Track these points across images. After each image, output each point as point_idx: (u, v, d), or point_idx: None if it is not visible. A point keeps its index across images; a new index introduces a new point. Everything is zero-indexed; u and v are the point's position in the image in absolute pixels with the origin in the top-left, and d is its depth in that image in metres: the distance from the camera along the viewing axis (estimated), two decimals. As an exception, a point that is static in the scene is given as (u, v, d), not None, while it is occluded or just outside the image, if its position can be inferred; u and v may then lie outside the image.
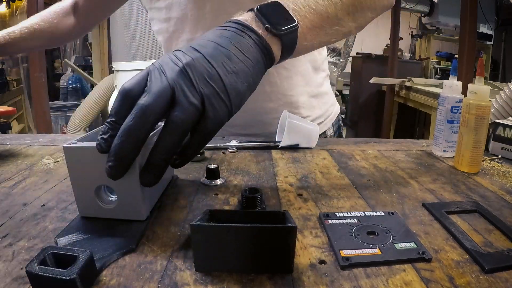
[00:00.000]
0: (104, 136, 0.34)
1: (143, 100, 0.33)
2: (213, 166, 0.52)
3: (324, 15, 0.46)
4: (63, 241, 0.35)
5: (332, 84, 2.68)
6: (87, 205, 0.39)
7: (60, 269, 0.28)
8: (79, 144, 0.38)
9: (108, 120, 0.35)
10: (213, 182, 0.51)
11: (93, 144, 0.36)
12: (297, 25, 0.42)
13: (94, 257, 0.30)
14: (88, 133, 0.43)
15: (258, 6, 0.41)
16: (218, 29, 0.40)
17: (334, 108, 0.90)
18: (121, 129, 0.33)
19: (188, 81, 0.34)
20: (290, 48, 0.43)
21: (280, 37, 0.40)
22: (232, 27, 0.39)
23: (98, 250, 0.33)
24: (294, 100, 0.78)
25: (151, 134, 0.36)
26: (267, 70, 0.41)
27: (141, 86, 0.35)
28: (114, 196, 0.40)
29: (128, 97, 0.34)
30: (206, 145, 0.67)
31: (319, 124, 0.82)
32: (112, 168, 0.34)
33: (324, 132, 0.86)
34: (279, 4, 0.42)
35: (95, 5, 0.83)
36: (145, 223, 0.39)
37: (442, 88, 0.66)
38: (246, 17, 0.40)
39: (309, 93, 0.80)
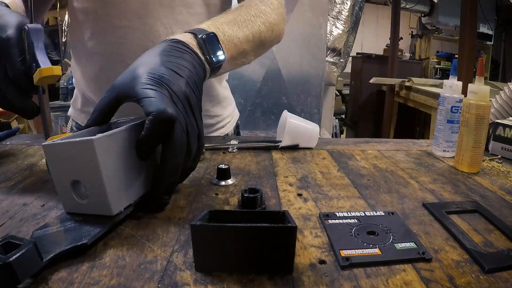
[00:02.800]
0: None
1: None
2: (224, 166, 0.52)
3: (240, 50, 0.56)
4: (38, 233, 0.36)
5: (332, 84, 2.68)
6: (67, 201, 0.40)
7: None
8: (56, 141, 0.38)
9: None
10: (223, 182, 0.51)
11: (67, 140, 0.37)
12: (225, 59, 0.50)
13: (47, 250, 0.31)
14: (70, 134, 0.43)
15: (203, 36, 0.47)
16: (176, 50, 0.44)
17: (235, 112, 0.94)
18: None
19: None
20: (213, 74, 0.50)
21: (212, 67, 0.48)
22: (187, 52, 0.45)
23: (52, 243, 0.33)
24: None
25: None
26: None
27: None
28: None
29: None
30: (207, 145, 0.67)
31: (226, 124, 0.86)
32: None
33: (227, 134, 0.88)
34: (215, 36, 0.49)
35: None
36: (112, 220, 0.38)
37: (442, 88, 0.66)
38: (192, 42, 0.47)
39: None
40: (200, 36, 0.47)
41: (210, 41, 0.48)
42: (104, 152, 0.36)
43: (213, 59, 0.48)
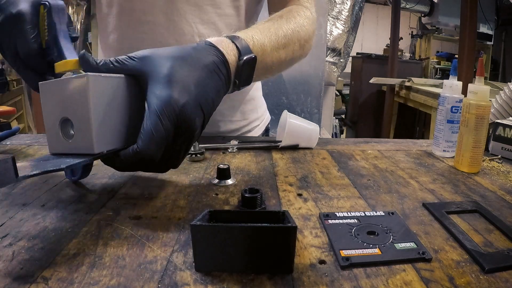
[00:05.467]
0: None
1: None
2: (224, 166, 0.52)
3: (268, 70, 0.54)
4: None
5: (332, 84, 2.68)
6: (53, 141, 0.40)
7: None
8: (53, 80, 0.39)
9: None
10: (223, 182, 0.51)
11: (63, 77, 0.38)
12: (250, 83, 0.49)
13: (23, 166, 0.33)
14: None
15: (246, 59, 0.45)
16: (216, 73, 0.41)
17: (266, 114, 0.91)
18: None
19: None
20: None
21: (233, 90, 0.47)
22: (223, 76, 0.43)
23: (32, 167, 0.34)
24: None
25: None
26: None
27: None
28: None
29: None
30: (207, 145, 0.67)
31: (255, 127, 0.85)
32: None
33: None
34: (255, 62, 0.47)
35: None
36: (91, 157, 0.38)
37: (442, 88, 0.66)
38: (233, 63, 0.44)
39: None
40: (243, 58, 0.45)
41: (248, 67, 0.46)
42: (96, 90, 0.37)
43: (240, 86, 0.46)
